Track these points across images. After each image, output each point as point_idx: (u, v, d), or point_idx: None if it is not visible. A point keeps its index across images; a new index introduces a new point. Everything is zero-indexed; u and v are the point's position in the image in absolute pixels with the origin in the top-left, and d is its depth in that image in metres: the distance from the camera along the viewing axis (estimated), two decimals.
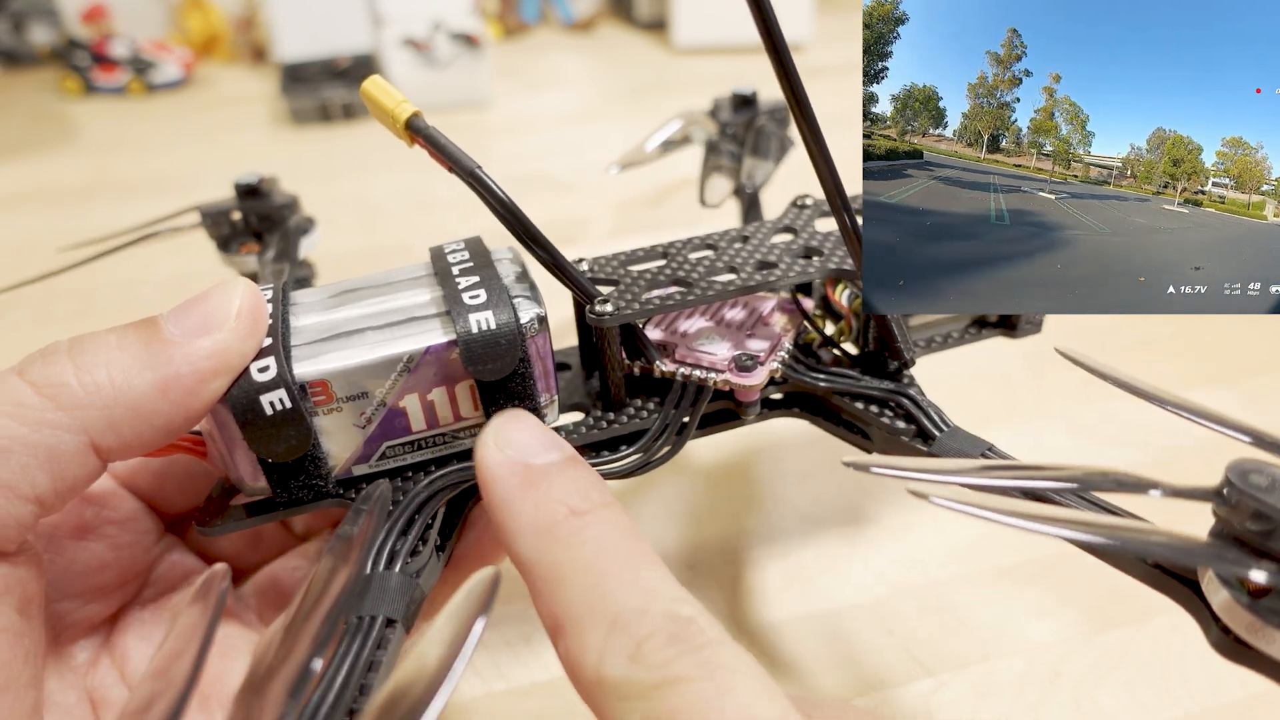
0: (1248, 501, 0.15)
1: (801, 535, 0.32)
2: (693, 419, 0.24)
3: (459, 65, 0.72)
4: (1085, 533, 0.15)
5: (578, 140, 0.67)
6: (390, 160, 0.63)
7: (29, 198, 0.60)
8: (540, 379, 0.22)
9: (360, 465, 0.22)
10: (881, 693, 0.27)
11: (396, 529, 0.21)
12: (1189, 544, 0.15)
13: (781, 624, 0.29)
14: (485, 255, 0.23)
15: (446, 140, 0.21)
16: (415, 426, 0.22)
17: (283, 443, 0.20)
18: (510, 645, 0.29)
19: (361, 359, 0.20)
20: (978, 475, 0.18)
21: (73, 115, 0.75)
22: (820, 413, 0.26)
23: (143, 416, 0.18)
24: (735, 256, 0.25)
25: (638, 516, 0.33)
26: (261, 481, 0.21)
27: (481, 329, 0.21)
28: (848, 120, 0.76)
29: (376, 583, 0.19)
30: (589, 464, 0.21)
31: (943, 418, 0.24)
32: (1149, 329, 0.43)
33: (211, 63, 0.86)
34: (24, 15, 0.84)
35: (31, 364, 0.17)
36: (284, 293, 0.22)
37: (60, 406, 0.17)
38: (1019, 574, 0.31)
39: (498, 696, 0.27)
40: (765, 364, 0.24)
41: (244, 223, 0.32)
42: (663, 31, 0.91)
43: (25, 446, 0.17)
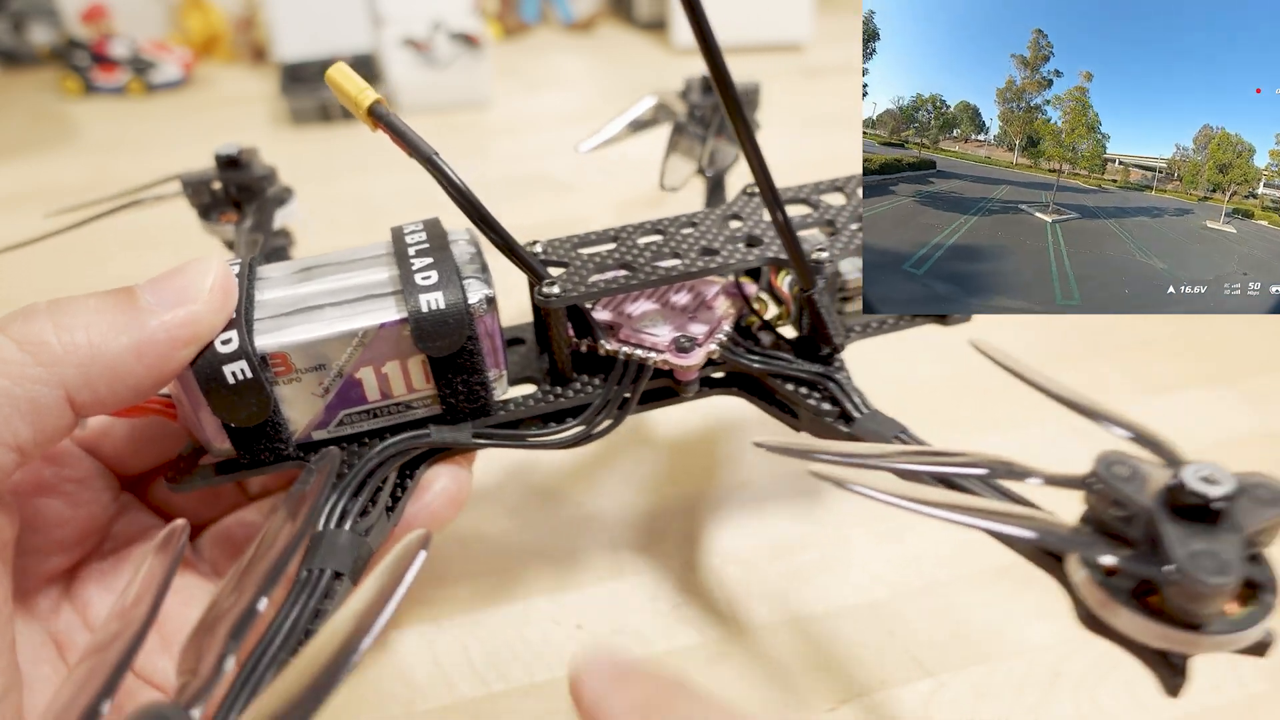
0: (1109, 490, 0.16)
1: (802, 536, 0.32)
2: (633, 395, 0.25)
3: (459, 65, 0.72)
4: (973, 518, 0.17)
5: (578, 140, 0.67)
6: (390, 160, 0.63)
7: (28, 197, 0.60)
8: (489, 355, 0.24)
9: (319, 431, 0.23)
10: (882, 693, 0.27)
11: (349, 491, 0.22)
12: (1055, 530, 0.17)
13: (782, 625, 0.29)
14: (442, 238, 0.24)
15: (405, 127, 0.21)
16: (370, 396, 0.23)
17: (244, 409, 0.22)
18: (510, 646, 0.29)
19: (319, 333, 0.22)
20: (894, 461, 0.20)
21: (72, 115, 0.75)
22: (756, 392, 0.28)
23: (118, 376, 0.19)
24: (682, 242, 0.26)
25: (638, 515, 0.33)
26: (226, 444, 0.22)
27: (431, 308, 0.22)
28: (848, 120, 0.75)
29: (328, 539, 0.21)
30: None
31: (864, 401, 0.25)
32: (1149, 329, 0.43)
33: (211, 63, 0.86)
34: (24, 15, 0.84)
35: (12, 321, 0.19)
36: (250, 268, 0.23)
37: (40, 362, 0.18)
38: (1019, 574, 0.31)
39: (498, 697, 0.27)
40: (703, 346, 0.25)
41: (224, 192, 0.33)
42: (663, 31, 0.91)
43: (8, 398, 0.18)
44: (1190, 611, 0.16)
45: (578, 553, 0.32)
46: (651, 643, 0.29)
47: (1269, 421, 0.37)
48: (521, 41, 0.92)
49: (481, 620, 0.29)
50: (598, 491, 0.34)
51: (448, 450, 0.25)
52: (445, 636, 0.29)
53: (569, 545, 0.32)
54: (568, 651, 0.28)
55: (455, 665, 0.28)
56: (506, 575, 0.31)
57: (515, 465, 0.36)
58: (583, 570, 0.31)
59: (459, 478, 0.25)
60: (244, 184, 0.32)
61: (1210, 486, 0.16)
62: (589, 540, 0.32)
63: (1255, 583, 0.16)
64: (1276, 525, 0.16)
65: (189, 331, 0.20)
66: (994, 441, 0.35)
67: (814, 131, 0.68)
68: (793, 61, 0.84)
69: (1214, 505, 0.16)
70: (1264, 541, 0.16)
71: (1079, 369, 0.41)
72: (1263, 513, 0.16)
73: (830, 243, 0.27)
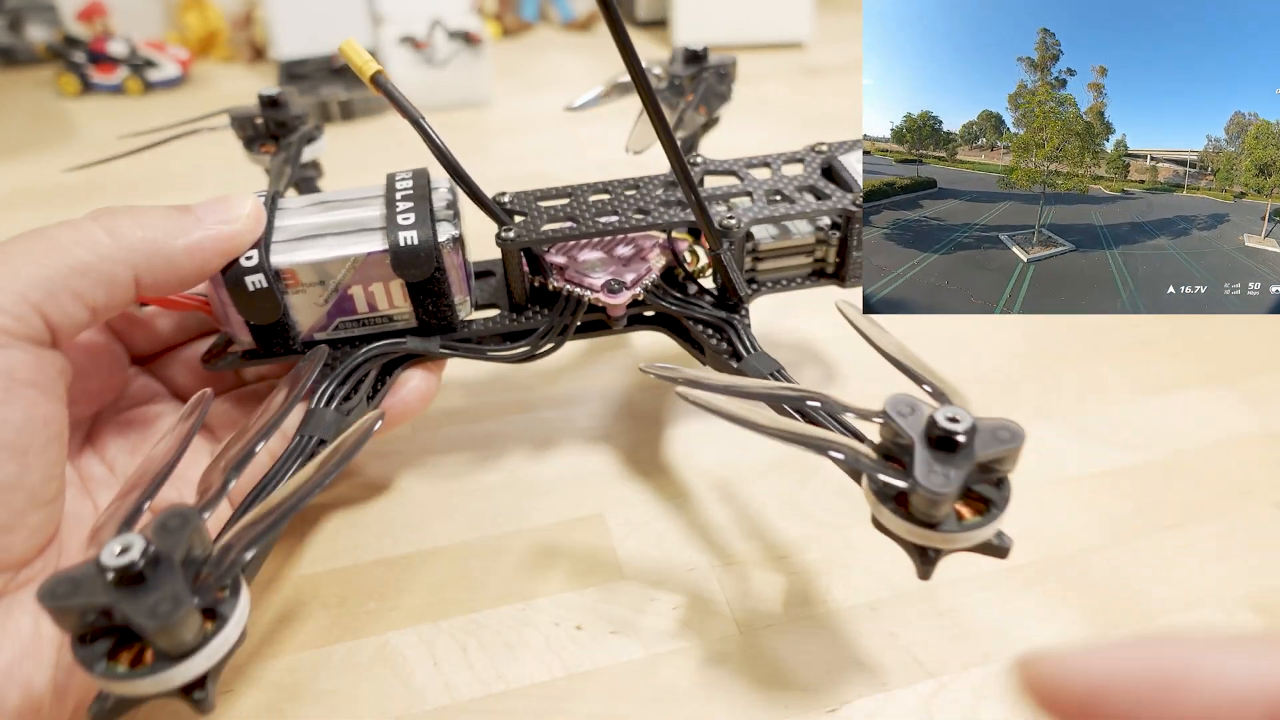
0: (890, 424, 0.21)
1: (802, 537, 0.32)
2: (570, 324, 0.31)
3: (458, 63, 0.72)
4: (796, 441, 0.22)
5: (578, 139, 0.67)
6: (390, 161, 0.63)
7: (27, 197, 0.60)
8: (455, 283, 0.29)
9: (320, 333, 0.30)
10: (883, 694, 0.27)
11: (337, 380, 0.29)
12: (854, 451, 0.21)
13: (783, 625, 0.29)
14: (425, 186, 0.30)
15: (399, 94, 0.28)
16: (360, 309, 0.29)
17: (261, 311, 0.28)
18: (510, 647, 0.28)
19: (321, 256, 0.28)
20: (751, 390, 0.25)
21: (70, 114, 0.74)
22: (676, 330, 0.33)
23: (173, 268, 0.25)
24: (623, 202, 0.32)
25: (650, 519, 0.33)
26: (248, 336, 0.29)
27: (407, 243, 0.28)
28: (847, 120, 0.76)
29: (317, 415, 0.28)
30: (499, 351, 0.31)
31: (754, 343, 0.31)
32: (1148, 329, 0.43)
33: (209, 61, 0.86)
34: (21, 13, 0.84)
35: (101, 215, 0.24)
36: (274, 200, 0.30)
37: (120, 247, 0.24)
38: (1020, 575, 0.31)
39: (496, 698, 0.27)
40: (630, 290, 0.30)
41: (265, 127, 0.38)
42: (663, 30, 0.91)
43: (93, 269, 0.23)
44: (928, 514, 0.20)
45: (578, 553, 0.32)
46: (651, 643, 0.28)
47: (1269, 421, 0.37)
48: (521, 40, 0.92)
49: (481, 621, 0.29)
50: (598, 492, 0.34)
51: (421, 356, 0.31)
52: (444, 637, 0.29)
53: (569, 546, 0.32)
54: (568, 652, 0.28)
55: (455, 666, 0.28)
56: (506, 575, 0.31)
57: (515, 468, 0.36)
58: (583, 571, 0.31)
59: (429, 380, 0.31)
60: (281, 121, 0.38)
61: (952, 424, 0.20)
62: (589, 541, 0.32)
63: (989, 499, 0.21)
64: (1008, 455, 0.20)
65: (229, 244, 0.26)
66: None
67: (814, 131, 0.68)
68: (793, 60, 0.84)
69: (955, 437, 0.20)
70: (1004, 469, 0.21)
71: (1077, 368, 0.41)
72: (995, 445, 0.20)
73: (740, 210, 0.31)
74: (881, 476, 0.21)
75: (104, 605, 0.18)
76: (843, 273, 0.33)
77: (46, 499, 0.23)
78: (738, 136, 0.45)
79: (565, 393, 0.40)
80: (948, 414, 0.20)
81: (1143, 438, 0.36)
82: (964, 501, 0.21)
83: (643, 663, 0.28)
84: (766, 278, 0.34)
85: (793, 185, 0.33)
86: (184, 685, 0.18)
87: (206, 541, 0.19)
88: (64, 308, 0.23)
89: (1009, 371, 0.41)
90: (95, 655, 0.18)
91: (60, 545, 0.24)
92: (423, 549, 0.32)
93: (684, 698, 0.27)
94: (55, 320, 0.23)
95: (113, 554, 0.18)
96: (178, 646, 0.18)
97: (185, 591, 0.18)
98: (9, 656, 0.21)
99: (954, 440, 0.20)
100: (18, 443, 0.22)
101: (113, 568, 0.17)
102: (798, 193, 0.33)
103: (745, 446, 0.36)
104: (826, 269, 0.34)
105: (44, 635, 0.22)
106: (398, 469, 0.36)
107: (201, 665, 0.18)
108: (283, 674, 0.28)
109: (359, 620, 0.29)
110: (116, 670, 0.18)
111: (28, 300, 0.22)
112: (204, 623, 0.18)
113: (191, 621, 0.18)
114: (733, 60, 0.41)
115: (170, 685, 0.18)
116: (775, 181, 0.33)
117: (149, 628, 0.17)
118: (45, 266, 0.23)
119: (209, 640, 0.18)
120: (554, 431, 0.38)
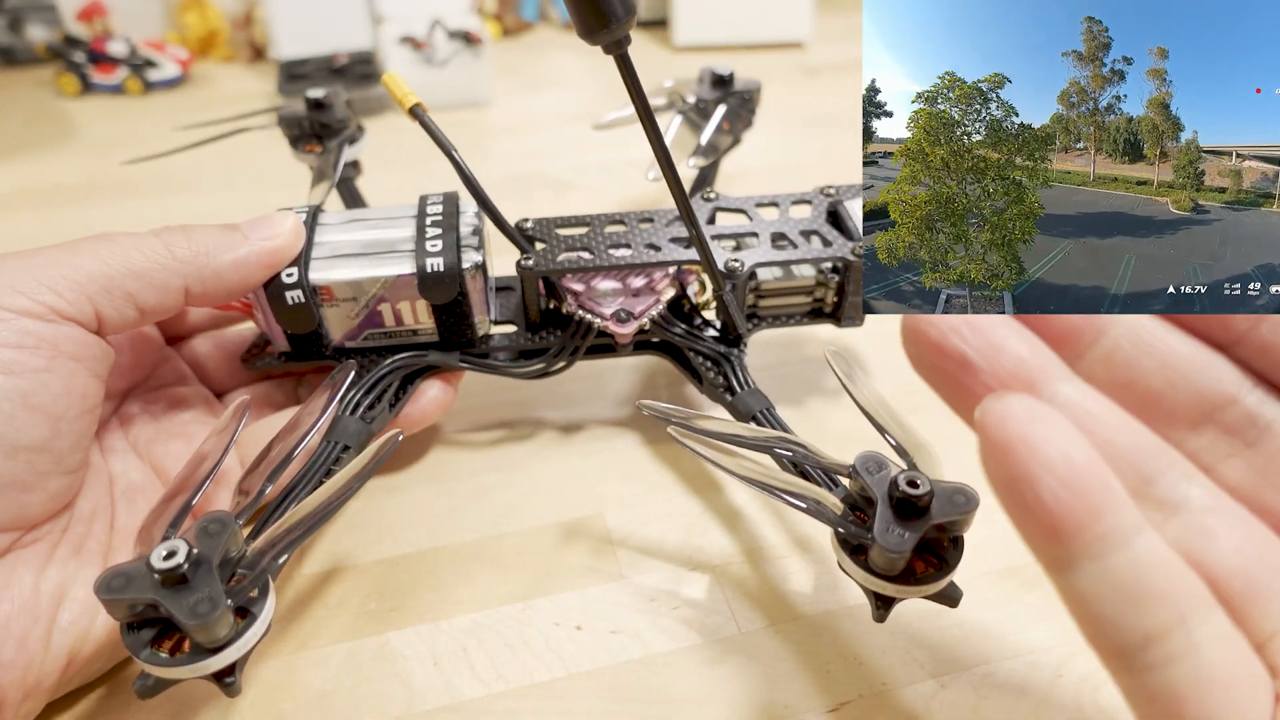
0: (859, 480, 0.23)
1: (803, 537, 0.32)
2: (580, 347, 0.33)
3: (458, 63, 0.72)
4: (767, 489, 0.24)
5: (577, 139, 0.67)
6: (390, 160, 0.63)
7: (26, 197, 0.60)
8: (476, 305, 0.32)
9: (350, 341, 0.32)
10: (883, 694, 0.27)
11: (363, 390, 0.31)
12: (821, 503, 0.24)
13: (783, 625, 0.29)
14: (454, 213, 0.32)
15: (435, 126, 0.30)
16: (387, 324, 0.32)
17: (298, 323, 0.30)
18: (510, 647, 0.28)
19: (355, 275, 0.30)
20: (737, 436, 0.26)
21: (70, 113, 0.74)
22: (677, 358, 0.35)
23: (220, 280, 0.27)
24: (636, 235, 0.33)
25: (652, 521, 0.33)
26: (284, 342, 0.32)
27: (433, 269, 0.30)
28: (847, 120, 0.76)
29: (343, 423, 0.30)
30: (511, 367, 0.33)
31: (747, 379, 0.32)
32: None
33: (209, 61, 0.86)
34: (21, 13, 0.84)
35: (160, 231, 0.27)
36: (314, 216, 0.32)
37: (174, 259, 0.26)
38: (1021, 576, 0.31)
39: (496, 698, 0.27)
40: (637, 320, 0.32)
41: (310, 127, 0.40)
42: (663, 30, 0.91)
43: (148, 277, 0.26)
44: (885, 567, 0.22)
45: (578, 553, 0.32)
46: (651, 643, 0.28)
47: None
48: (521, 40, 0.92)
49: (481, 621, 0.29)
50: (598, 492, 0.34)
51: (440, 369, 0.33)
52: (444, 637, 0.29)
53: (569, 546, 0.32)
54: (568, 652, 0.28)
55: (455, 666, 0.28)
56: (506, 575, 0.31)
57: (515, 468, 0.36)
58: (583, 571, 0.31)
59: (446, 391, 0.34)
60: (325, 122, 0.40)
61: (911, 489, 0.22)
62: (589, 541, 0.32)
63: (944, 558, 0.23)
64: (963, 520, 0.22)
65: (272, 258, 0.29)
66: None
67: (815, 130, 0.68)
68: (793, 59, 0.84)
69: (915, 501, 0.21)
70: (959, 530, 0.22)
71: None
72: (951, 510, 0.22)
73: (745, 253, 0.33)
74: (840, 530, 0.23)
75: (151, 601, 0.20)
76: (839, 313, 0.35)
77: (70, 468, 0.25)
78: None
79: (565, 393, 0.40)
80: (908, 478, 0.22)
81: None
82: (919, 556, 0.23)
83: (643, 663, 0.28)
84: (767, 313, 0.36)
85: (798, 229, 0.34)
86: (216, 672, 0.21)
87: (241, 544, 0.22)
88: (116, 304, 0.25)
89: None
90: (141, 642, 0.21)
91: (73, 512, 0.26)
92: (423, 549, 0.32)
93: (684, 698, 0.27)
94: (106, 313, 0.25)
95: (160, 557, 0.20)
96: (213, 641, 0.21)
97: (221, 594, 0.20)
98: (7, 610, 0.23)
99: (913, 504, 0.22)
100: (53, 408, 0.24)
101: (160, 569, 0.20)
102: (802, 237, 0.34)
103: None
104: (824, 309, 0.36)
105: (43, 593, 0.24)
106: (398, 469, 0.36)
107: (232, 656, 0.21)
108: (282, 674, 0.28)
109: (359, 620, 0.29)
110: (159, 656, 0.21)
111: (84, 291, 0.25)
112: (236, 619, 0.21)
113: (226, 620, 0.21)
114: (758, 85, 0.42)
115: (205, 672, 0.21)
116: (782, 223, 0.35)
117: (189, 625, 0.20)
118: (106, 265, 0.25)
119: (240, 635, 0.21)
120: (554, 431, 0.38)
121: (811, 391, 0.39)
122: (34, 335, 0.24)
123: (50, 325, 0.24)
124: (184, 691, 0.27)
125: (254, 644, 0.21)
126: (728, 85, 0.41)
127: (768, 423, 0.31)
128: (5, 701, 0.22)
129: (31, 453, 0.23)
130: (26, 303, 0.24)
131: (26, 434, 0.23)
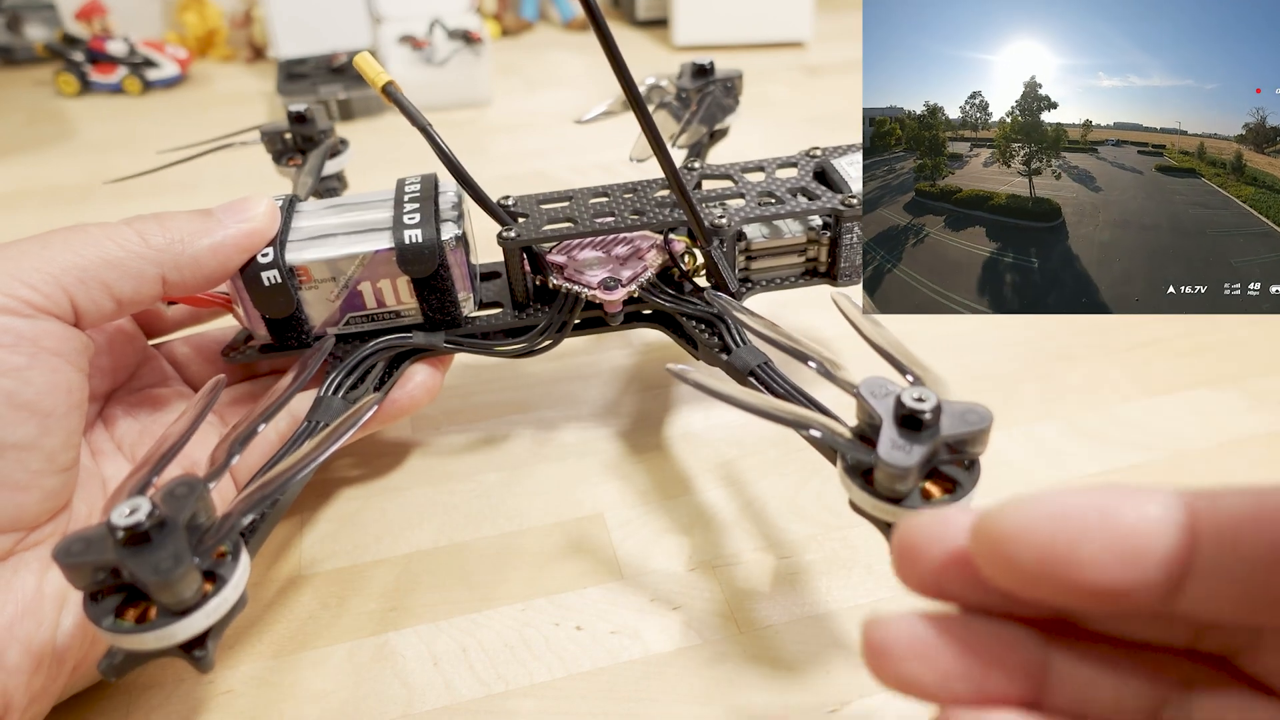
0: (863, 404, 0.22)
1: (803, 537, 0.32)
2: (569, 321, 0.32)
3: (457, 62, 0.72)
4: (782, 419, 0.23)
5: (577, 139, 0.67)
6: (389, 159, 0.63)
7: (26, 196, 0.60)
8: (458, 280, 0.31)
9: (332, 327, 0.31)
10: (884, 694, 0.27)
11: (345, 371, 0.30)
12: (831, 430, 0.22)
13: (783, 625, 0.29)
14: (432, 190, 0.31)
15: (408, 103, 0.30)
16: (369, 304, 0.31)
17: (275, 305, 0.29)
18: (510, 648, 0.28)
19: (331, 254, 0.29)
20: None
21: (69, 113, 0.74)
22: (672, 327, 0.34)
23: (198, 266, 0.27)
24: (620, 204, 0.33)
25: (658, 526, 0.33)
26: (264, 331, 0.30)
27: (411, 241, 0.29)
28: (847, 120, 0.76)
29: (326, 402, 0.29)
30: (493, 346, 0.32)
31: (742, 337, 0.31)
32: (1153, 329, 0.43)
33: (209, 60, 0.86)
34: (20, 12, 0.84)
35: (134, 220, 0.26)
36: (291, 203, 0.31)
37: (150, 248, 0.26)
38: None
39: (496, 698, 0.27)
40: (625, 287, 0.31)
41: (292, 141, 0.40)
42: (663, 29, 0.91)
43: (123, 267, 0.25)
44: (892, 489, 0.21)
45: (577, 553, 0.32)
46: (651, 643, 0.28)
47: (1273, 422, 0.37)
48: (521, 40, 0.92)
49: (481, 621, 0.29)
50: (598, 492, 0.34)
51: (427, 351, 0.32)
52: (444, 637, 0.29)
53: (569, 546, 0.32)
54: (568, 652, 0.28)
55: (454, 666, 0.28)
56: (506, 575, 0.31)
57: (515, 468, 0.36)
58: (583, 571, 0.31)
59: (434, 375, 0.32)
60: (307, 135, 0.40)
61: (918, 403, 0.20)
62: (589, 541, 0.32)
63: (957, 480, 0.21)
64: (976, 436, 0.21)
65: (248, 241, 0.28)
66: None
67: (815, 130, 0.68)
68: (794, 59, 0.84)
69: (921, 416, 0.20)
70: (973, 451, 0.21)
71: (1082, 369, 0.40)
72: (962, 426, 0.20)
73: (732, 210, 0.32)
74: (850, 453, 0.22)
75: (112, 563, 0.19)
76: (834, 271, 0.34)
77: (63, 465, 0.24)
78: (739, 136, 0.45)
79: (565, 393, 0.40)
80: (914, 394, 0.21)
81: (1145, 438, 0.36)
82: (932, 481, 0.22)
83: (643, 663, 0.28)
84: (760, 277, 0.35)
85: (784, 187, 0.34)
86: (185, 642, 0.20)
87: (211, 511, 0.21)
88: (92, 296, 0.25)
89: (1010, 371, 0.41)
90: (104, 611, 0.19)
91: (70, 513, 0.26)
92: (423, 549, 0.32)
93: (684, 698, 0.27)
94: (82, 305, 0.25)
95: (122, 515, 0.19)
96: (179, 603, 0.19)
97: (186, 551, 0.19)
98: (11, 613, 0.22)
99: (919, 419, 0.20)
100: (40, 404, 0.23)
101: (121, 527, 0.19)
102: (789, 194, 0.34)
103: (746, 448, 0.36)
104: (819, 268, 0.35)
105: (46, 596, 0.23)
106: (398, 469, 0.36)
107: (201, 623, 0.19)
108: (282, 674, 0.28)
109: (359, 620, 0.29)
110: (123, 625, 0.19)
111: (59, 283, 0.24)
112: (205, 584, 0.20)
113: (192, 579, 0.19)
114: (738, 74, 0.42)
115: (172, 640, 0.19)
116: (768, 184, 0.34)
117: (152, 583, 0.19)
118: (80, 256, 0.25)
119: (208, 599, 0.20)
120: (554, 431, 0.38)
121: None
122: (13, 332, 0.23)
123: (28, 321, 0.23)
124: (184, 694, 0.27)
125: (226, 612, 0.20)
126: (709, 74, 0.41)
127: (766, 376, 0.29)
128: (12, 705, 0.22)
129: (21, 451, 0.23)
130: (2, 299, 0.23)
131: (14, 432, 0.23)
